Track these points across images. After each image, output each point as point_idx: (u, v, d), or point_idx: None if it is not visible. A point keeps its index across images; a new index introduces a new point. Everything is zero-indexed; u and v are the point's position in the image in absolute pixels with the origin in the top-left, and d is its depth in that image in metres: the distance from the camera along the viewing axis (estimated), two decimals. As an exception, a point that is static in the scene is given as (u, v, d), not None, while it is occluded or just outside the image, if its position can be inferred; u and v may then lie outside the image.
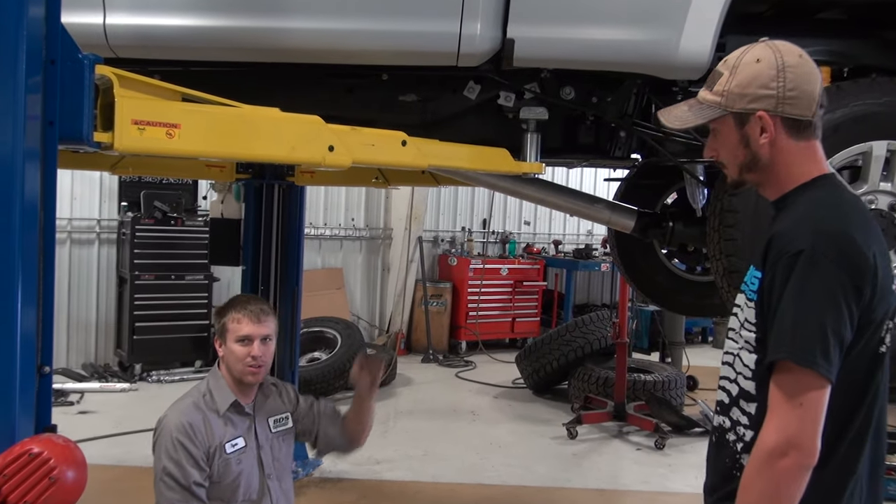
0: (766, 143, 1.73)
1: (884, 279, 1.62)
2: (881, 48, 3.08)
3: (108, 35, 2.80)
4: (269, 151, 2.58)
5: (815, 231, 1.60)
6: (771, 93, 1.69)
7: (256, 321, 2.68)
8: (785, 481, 1.55)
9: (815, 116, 1.71)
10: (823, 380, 1.55)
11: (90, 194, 7.79)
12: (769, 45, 1.73)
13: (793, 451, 1.54)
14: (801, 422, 1.55)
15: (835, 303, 1.56)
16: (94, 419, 6.17)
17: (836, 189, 1.73)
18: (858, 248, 1.59)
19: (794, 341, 1.57)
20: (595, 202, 3.70)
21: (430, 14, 2.78)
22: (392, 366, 7.79)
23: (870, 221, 1.70)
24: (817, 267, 1.57)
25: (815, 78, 1.70)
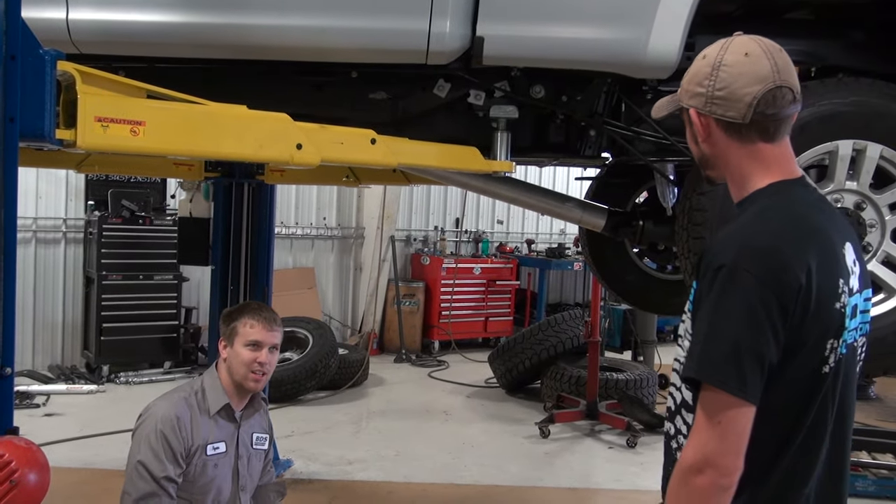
0: (705, 141, 1.69)
1: (820, 297, 1.52)
2: (848, 48, 3.11)
3: (72, 30, 2.76)
4: (236, 149, 2.55)
5: (741, 246, 1.53)
6: (701, 91, 1.65)
7: (269, 329, 2.73)
8: (701, 499, 1.51)
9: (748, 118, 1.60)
10: (738, 400, 1.48)
11: (56, 193, 7.67)
12: (728, 39, 1.66)
13: (709, 470, 1.49)
14: (718, 441, 1.49)
15: (754, 321, 1.48)
16: (60, 422, 6.07)
17: (781, 198, 1.62)
18: (785, 266, 1.49)
19: (703, 359, 1.52)
20: (566, 201, 3.70)
21: (399, 11, 2.76)
22: (364, 366, 7.77)
23: (814, 235, 1.57)
24: (737, 283, 1.49)
25: (756, 79, 1.59)
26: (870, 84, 2.79)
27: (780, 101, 1.60)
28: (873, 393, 8.05)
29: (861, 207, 2.78)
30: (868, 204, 2.78)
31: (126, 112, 2.27)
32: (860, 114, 2.74)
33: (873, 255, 2.79)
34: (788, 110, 1.62)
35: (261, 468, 2.90)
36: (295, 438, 5.89)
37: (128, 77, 2.53)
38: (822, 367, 1.56)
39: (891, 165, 2.78)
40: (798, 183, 1.66)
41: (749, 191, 1.66)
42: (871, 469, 5.19)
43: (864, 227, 2.77)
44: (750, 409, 1.49)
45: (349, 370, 7.53)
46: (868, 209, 2.78)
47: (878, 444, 5.59)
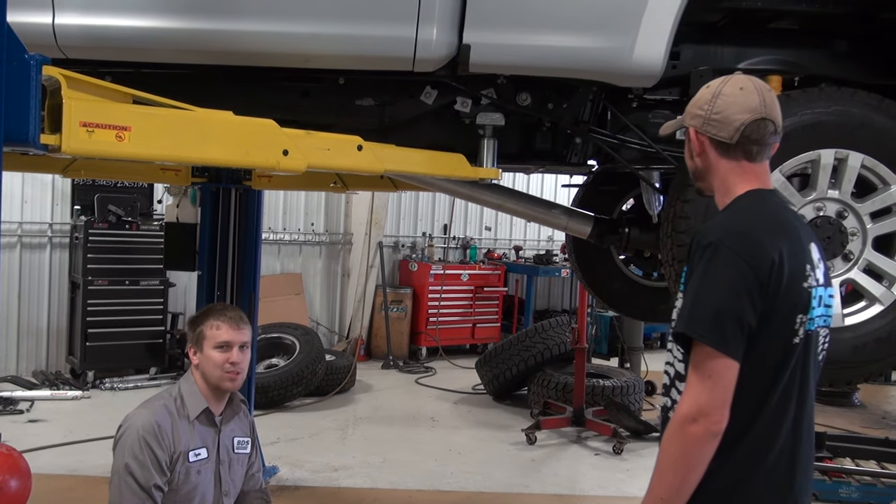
0: (699, 156, 1.99)
1: (791, 275, 1.80)
2: (830, 58, 3.14)
3: (58, 35, 2.76)
4: (222, 155, 2.55)
5: (724, 229, 1.84)
6: (701, 113, 1.96)
7: (236, 328, 2.70)
8: (693, 445, 1.75)
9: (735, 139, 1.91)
10: (723, 355, 1.73)
11: (42, 197, 7.63)
12: (732, 76, 1.97)
13: (702, 419, 1.73)
14: (709, 394, 1.74)
15: (734, 288, 1.75)
16: (44, 428, 6.02)
17: (758, 200, 1.92)
18: (760, 245, 1.78)
19: (690, 318, 1.79)
20: (552, 208, 3.71)
21: (386, 19, 2.77)
22: (351, 372, 7.75)
23: (785, 226, 1.87)
24: (720, 257, 1.78)
25: (746, 109, 1.90)
26: (852, 94, 2.82)
27: (762, 130, 1.92)
28: (857, 400, 8.10)
29: (843, 216, 2.80)
30: (849, 212, 2.80)
31: (111, 117, 2.26)
32: (842, 123, 2.77)
33: (854, 263, 2.81)
34: (770, 139, 1.94)
35: (243, 473, 2.88)
36: (281, 445, 5.87)
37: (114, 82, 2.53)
38: (792, 338, 1.82)
39: (872, 174, 2.81)
40: (771, 192, 1.99)
41: (732, 197, 1.95)
42: (854, 476, 5.22)
43: (845, 236, 2.80)
44: (734, 364, 1.74)
45: (336, 376, 7.52)
46: (850, 217, 2.80)
47: (862, 450, 5.62)
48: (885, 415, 7.91)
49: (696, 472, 1.77)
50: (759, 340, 1.77)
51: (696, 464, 1.76)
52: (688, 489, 1.78)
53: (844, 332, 2.80)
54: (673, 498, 1.79)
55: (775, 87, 3.05)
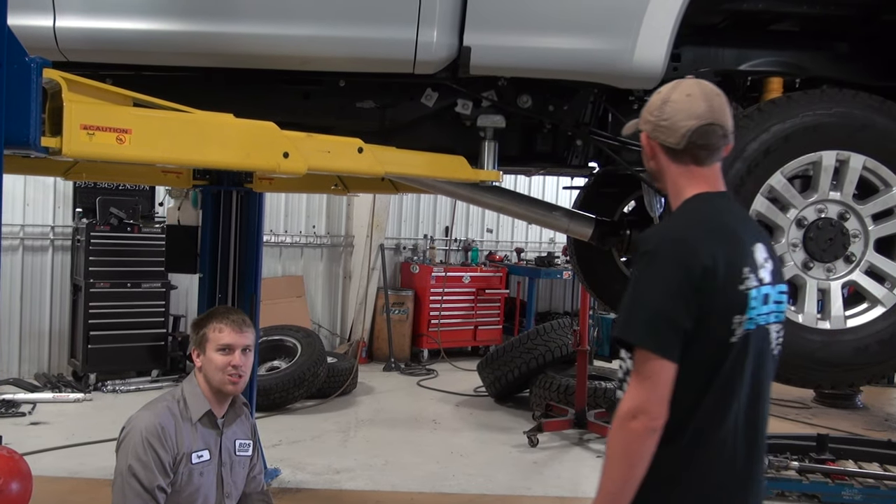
0: (651, 159, 2.07)
1: (726, 278, 1.87)
2: (832, 60, 3.14)
3: (59, 38, 2.76)
4: (222, 158, 2.55)
5: (661, 236, 1.95)
6: (651, 119, 2.03)
7: (238, 331, 2.71)
8: (634, 440, 1.84)
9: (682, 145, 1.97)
10: (659, 357, 1.82)
11: (44, 200, 7.63)
12: (679, 81, 2.04)
13: (641, 415, 1.83)
14: (647, 392, 1.83)
15: (668, 293, 1.84)
16: (46, 430, 6.03)
17: (701, 206, 1.99)
18: (694, 252, 1.86)
19: (627, 321, 1.89)
20: (553, 210, 3.71)
21: (386, 21, 2.77)
22: (353, 375, 7.75)
23: (722, 231, 1.94)
24: (656, 263, 1.87)
25: (693, 115, 1.95)
26: (853, 95, 2.81)
27: (710, 136, 1.97)
28: (860, 402, 8.09)
29: (844, 218, 2.80)
30: (851, 214, 2.80)
31: (112, 120, 2.26)
32: (843, 125, 2.76)
33: (856, 265, 2.81)
34: (718, 143, 1.99)
35: (245, 475, 2.88)
36: (283, 447, 5.87)
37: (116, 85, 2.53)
38: (729, 338, 1.88)
39: (874, 176, 2.80)
40: (719, 195, 2.04)
41: (679, 201, 2.03)
42: (857, 478, 5.20)
43: (847, 238, 2.79)
44: (670, 365, 1.83)
45: (338, 379, 7.51)
46: (851, 219, 2.80)
47: (865, 453, 5.61)
48: (888, 417, 7.89)
49: (638, 467, 1.85)
50: (696, 341, 1.86)
51: (638, 458, 1.85)
52: (633, 482, 1.86)
53: (846, 335, 2.80)
54: (619, 491, 1.87)
55: (776, 88, 3.06)
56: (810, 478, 5.21)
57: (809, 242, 2.80)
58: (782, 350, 2.08)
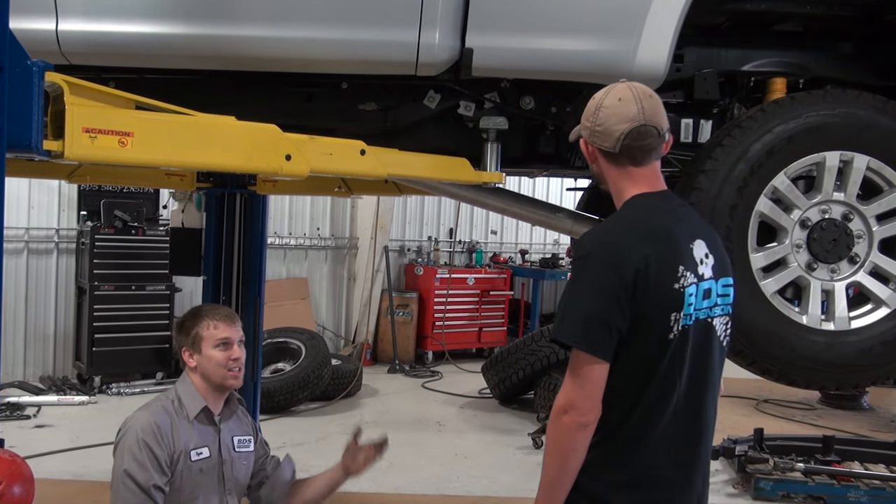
0: (593, 164, 2.15)
1: (659, 279, 1.93)
2: (835, 60, 3.13)
3: (61, 41, 2.76)
4: (224, 160, 2.55)
5: (593, 241, 2.02)
6: (588, 125, 2.10)
7: (233, 324, 2.76)
8: (565, 433, 1.94)
9: (617, 148, 2.03)
10: (590, 356, 1.90)
11: (49, 203, 7.66)
12: (613, 86, 2.09)
13: (571, 411, 1.92)
14: (577, 389, 1.92)
15: (600, 296, 1.91)
16: (51, 433, 6.04)
17: (635, 208, 2.05)
18: (626, 255, 1.93)
19: (561, 325, 1.97)
20: (556, 211, 3.69)
21: (388, 23, 2.77)
22: (358, 377, 7.75)
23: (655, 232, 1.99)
24: (588, 268, 1.95)
25: (625, 119, 2.01)
26: (857, 95, 2.81)
27: (644, 136, 2.03)
28: (866, 403, 8.06)
29: (848, 218, 2.79)
30: (855, 215, 2.79)
31: (114, 123, 2.27)
32: (847, 125, 2.76)
33: (860, 266, 2.80)
34: (653, 143, 2.05)
35: (246, 472, 2.89)
36: (287, 450, 5.82)
37: (119, 88, 2.54)
38: (667, 335, 1.95)
39: (878, 176, 2.79)
40: (657, 195, 2.09)
41: (620, 202, 2.10)
42: (863, 479, 5.18)
43: (851, 238, 2.78)
44: (601, 364, 1.92)
45: (342, 381, 7.51)
46: (855, 220, 2.79)
47: (871, 454, 5.59)
48: (895, 418, 7.86)
49: (571, 459, 1.96)
50: (634, 340, 1.94)
51: (570, 451, 1.95)
52: (567, 474, 1.97)
53: (850, 336, 2.79)
54: (555, 481, 1.99)
55: (780, 89, 3.05)
56: (816, 479, 5.19)
57: (813, 243, 2.79)
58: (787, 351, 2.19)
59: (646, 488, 2.02)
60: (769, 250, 2.78)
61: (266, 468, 2.97)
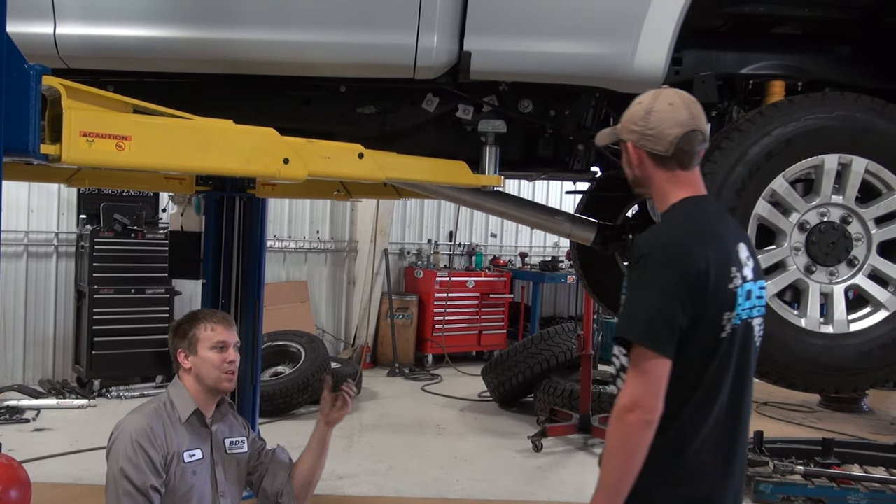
0: (637, 167, 2.18)
1: (717, 279, 2.00)
2: (834, 63, 3.13)
3: (59, 45, 2.76)
4: (222, 164, 2.55)
5: (654, 241, 2.07)
6: (636, 129, 2.14)
7: (229, 328, 2.80)
8: (631, 432, 1.96)
9: (671, 152, 2.09)
10: (655, 353, 1.95)
11: (48, 207, 7.66)
12: (658, 91, 2.17)
13: (637, 409, 1.94)
14: (643, 387, 1.95)
15: (665, 294, 1.96)
16: (50, 437, 6.04)
17: (688, 209, 2.12)
18: (688, 255, 1.98)
19: (627, 322, 2.02)
20: (555, 215, 3.70)
21: (386, 27, 2.77)
22: (358, 380, 7.73)
23: (711, 233, 2.08)
24: (651, 267, 2.00)
25: (678, 123, 2.09)
26: (855, 98, 2.80)
27: (693, 141, 2.11)
28: (866, 406, 8.05)
29: (847, 221, 2.79)
30: (854, 218, 2.79)
31: (111, 127, 2.27)
32: (846, 128, 2.75)
33: (859, 269, 2.79)
34: (698, 147, 2.14)
35: (239, 473, 2.89)
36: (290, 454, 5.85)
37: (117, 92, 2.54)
38: (720, 334, 2.02)
39: (876, 179, 2.79)
40: (703, 198, 2.18)
41: (668, 204, 2.15)
42: (863, 482, 5.17)
43: (850, 241, 2.78)
44: (665, 361, 1.96)
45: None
46: (854, 223, 2.79)
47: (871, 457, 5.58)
48: (895, 421, 7.84)
49: (635, 458, 1.96)
50: (690, 338, 1.98)
51: (635, 450, 1.96)
52: (630, 474, 1.97)
53: (849, 339, 2.78)
54: (618, 482, 1.98)
55: (778, 92, 3.04)
56: (816, 482, 5.18)
57: (812, 246, 2.79)
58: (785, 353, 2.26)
59: (691, 485, 2.05)
60: (768, 253, 2.77)
61: (264, 460, 2.98)
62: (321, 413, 2.98)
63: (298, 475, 2.96)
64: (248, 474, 2.95)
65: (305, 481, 2.96)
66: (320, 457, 2.99)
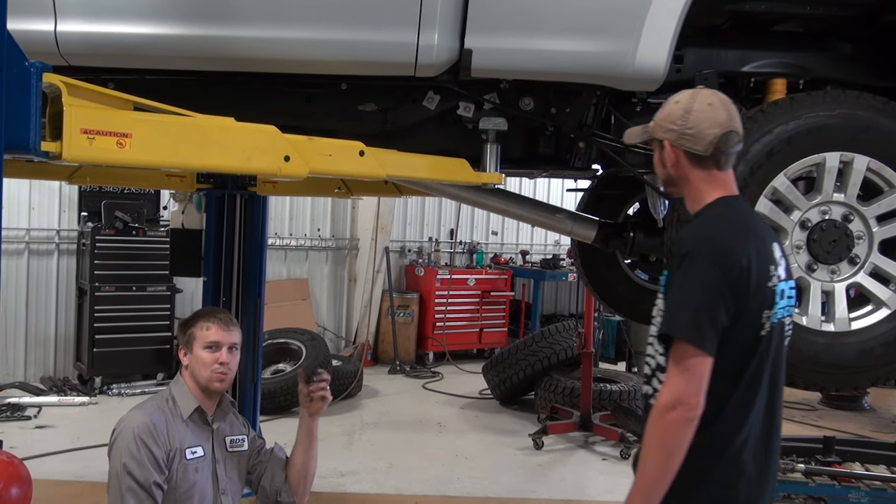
0: (672, 166, 2.17)
1: (758, 277, 2.01)
2: (835, 61, 3.13)
3: (60, 43, 2.76)
4: (223, 161, 2.55)
5: (697, 238, 2.06)
6: (674, 128, 2.14)
7: (225, 328, 2.75)
8: (673, 430, 1.95)
9: (709, 152, 2.10)
10: (699, 350, 1.94)
11: (49, 204, 7.66)
12: (696, 91, 2.18)
13: (680, 407, 1.94)
14: (685, 384, 1.95)
15: (709, 291, 1.96)
16: (52, 434, 6.04)
17: (727, 208, 2.14)
18: (731, 252, 1.99)
19: (673, 318, 2.01)
20: (556, 212, 3.69)
21: (387, 24, 2.77)
22: (358, 377, 7.74)
23: (751, 232, 2.09)
24: (696, 264, 1.99)
25: (717, 124, 2.09)
26: (857, 96, 2.80)
27: (730, 142, 2.12)
28: (867, 404, 8.05)
29: (848, 219, 2.79)
30: (855, 216, 2.79)
31: (112, 124, 2.27)
32: (847, 126, 2.75)
33: (861, 266, 2.79)
34: (734, 148, 2.16)
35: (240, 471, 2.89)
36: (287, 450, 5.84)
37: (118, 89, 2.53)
38: (759, 332, 2.04)
39: (878, 177, 2.79)
40: (737, 198, 2.20)
41: (703, 204, 2.16)
42: (864, 480, 5.17)
43: (851, 239, 2.78)
44: (708, 359, 1.96)
45: (343, 381, 7.50)
46: (855, 221, 2.79)
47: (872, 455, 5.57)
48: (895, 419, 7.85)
49: (676, 456, 1.96)
50: (731, 336, 1.99)
51: (676, 448, 1.96)
52: (670, 471, 1.96)
53: (851, 337, 2.78)
54: (657, 480, 1.98)
55: (780, 90, 3.04)
56: (817, 480, 5.16)
57: (813, 244, 2.79)
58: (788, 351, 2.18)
59: (731, 485, 2.05)
60: (769, 251, 2.76)
61: (263, 459, 2.98)
62: (301, 405, 2.97)
63: (293, 470, 2.96)
64: (248, 473, 2.95)
65: (300, 476, 2.95)
66: (310, 449, 2.98)
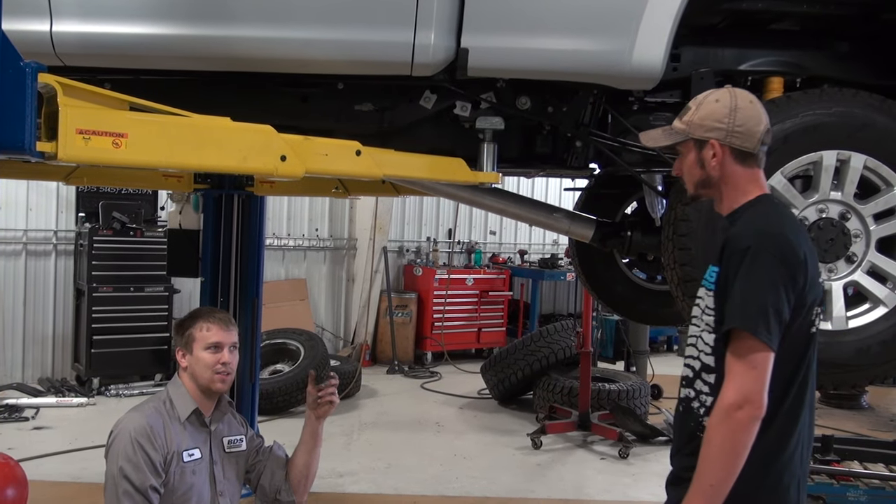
0: (716, 166, 2.12)
1: (812, 272, 2.01)
2: (832, 59, 3.12)
3: (55, 43, 2.75)
4: (219, 161, 2.54)
5: (757, 233, 2.01)
6: (721, 126, 2.09)
7: (226, 329, 2.75)
8: (740, 430, 1.91)
9: (757, 150, 2.10)
10: (766, 346, 1.91)
11: (47, 205, 7.65)
12: (729, 89, 2.14)
13: (747, 405, 1.90)
14: (753, 381, 1.91)
15: (774, 286, 1.94)
16: (49, 435, 6.04)
17: (774, 204, 2.15)
18: (792, 246, 1.98)
19: (742, 313, 1.94)
20: (554, 212, 3.68)
21: (383, 23, 2.76)
22: (357, 378, 7.74)
23: (801, 228, 2.12)
24: (760, 259, 1.96)
25: (760, 120, 2.09)
26: (853, 94, 2.80)
27: (769, 138, 2.13)
28: (865, 402, 8.05)
29: (846, 217, 2.78)
30: (852, 214, 2.78)
31: (108, 124, 2.26)
32: (844, 124, 2.75)
33: (858, 265, 2.79)
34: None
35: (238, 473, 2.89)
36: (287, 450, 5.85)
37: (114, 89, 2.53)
38: (811, 329, 2.04)
39: (875, 176, 2.78)
40: (773, 196, 2.20)
41: (740, 203, 2.13)
42: (862, 479, 5.17)
43: (848, 238, 2.77)
44: (772, 355, 1.93)
45: (341, 382, 7.46)
46: (853, 219, 2.78)
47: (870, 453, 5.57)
48: (894, 417, 7.85)
49: (741, 457, 1.91)
50: (790, 331, 1.97)
51: (742, 449, 1.91)
52: (734, 476, 1.91)
53: (848, 335, 2.78)
54: (722, 484, 1.92)
55: (777, 88, 3.04)
56: (815, 479, 5.16)
57: (811, 243, 2.78)
58: None
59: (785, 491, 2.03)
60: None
61: (262, 458, 2.98)
62: (308, 407, 2.97)
63: (294, 470, 2.95)
64: (247, 472, 2.95)
65: (301, 476, 2.95)
66: (313, 450, 2.98)
